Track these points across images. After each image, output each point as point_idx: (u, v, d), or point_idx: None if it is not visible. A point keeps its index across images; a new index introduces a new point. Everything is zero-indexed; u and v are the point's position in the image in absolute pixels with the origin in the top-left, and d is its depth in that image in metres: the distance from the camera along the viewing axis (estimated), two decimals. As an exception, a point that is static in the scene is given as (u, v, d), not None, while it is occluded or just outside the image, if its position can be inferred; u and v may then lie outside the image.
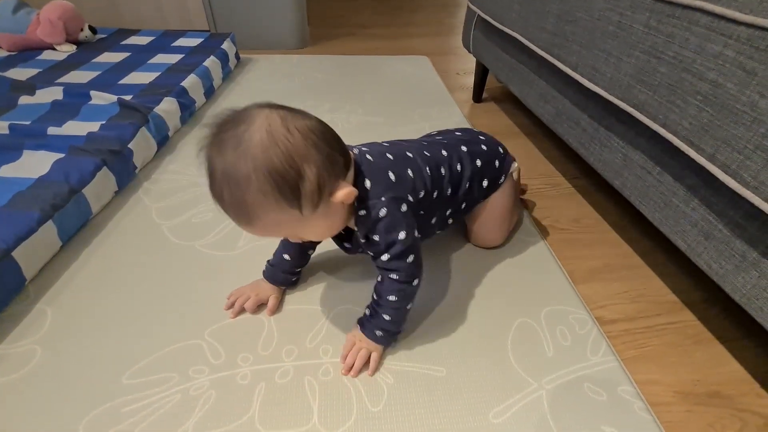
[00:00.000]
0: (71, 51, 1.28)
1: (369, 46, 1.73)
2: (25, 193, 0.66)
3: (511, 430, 0.46)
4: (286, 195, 0.40)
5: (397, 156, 0.54)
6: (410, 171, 0.53)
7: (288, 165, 0.40)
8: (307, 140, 0.41)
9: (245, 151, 0.39)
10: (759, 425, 0.49)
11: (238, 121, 0.41)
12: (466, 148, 0.61)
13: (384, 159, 0.52)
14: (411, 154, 0.55)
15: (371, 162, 0.51)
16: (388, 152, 0.54)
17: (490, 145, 0.65)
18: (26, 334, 0.55)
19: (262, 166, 0.39)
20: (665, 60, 0.51)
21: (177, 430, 0.45)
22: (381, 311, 0.51)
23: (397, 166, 0.52)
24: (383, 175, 0.50)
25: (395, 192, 0.50)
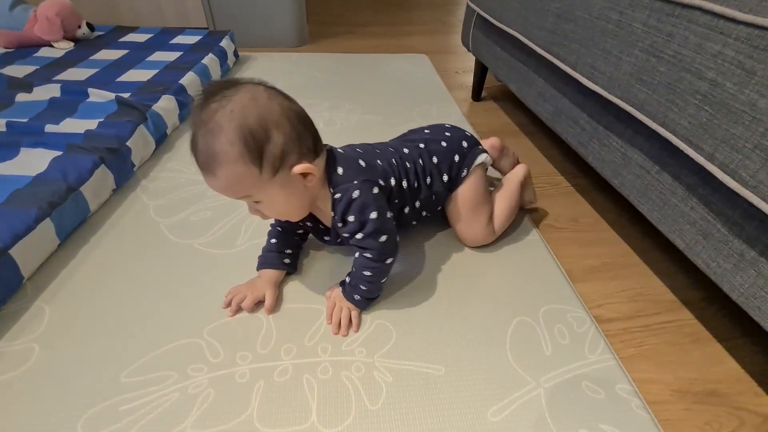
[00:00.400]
0: (69, 48, 1.28)
1: (368, 45, 1.72)
2: (22, 191, 0.66)
3: (510, 429, 0.46)
4: (251, 150, 0.44)
5: (366, 149, 0.60)
6: (379, 160, 0.59)
7: (259, 125, 0.45)
8: (283, 113, 0.47)
9: (225, 105, 0.44)
10: (756, 424, 0.49)
11: (228, 85, 0.46)
12: (425, 146, 0.65)
13: (354, 151, 0.58)
14: (378, 150, 0.61)
15: (342, 153, 0.56)
16: (358, 147, 0.61)
17: (451, 142, 0.67)
18: (24, 332, 0.54)
19: (237, 119, 0.44)
20: (664, 59, 0.51)
21: (175, 428, 0.45)
22: (358, 282, 0.57)
23: (366, 156, 0.58)
24: (354, 162, 0.55)
25: (366, 176, 0.55)
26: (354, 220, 0.53)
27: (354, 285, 0.57)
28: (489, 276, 0.66)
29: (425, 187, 0.64)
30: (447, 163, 0.65)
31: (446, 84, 1.35)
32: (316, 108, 1.16)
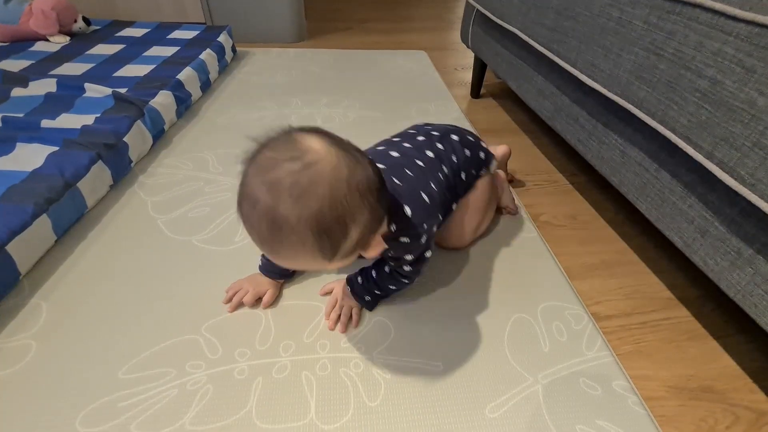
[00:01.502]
0: (64, 42, 1.26)
1: (367, 41, 1.71)
2: (18, 186, 0.65)
3: (507, 425, 0.46)
4: (325, 250, 0.38)
5: (416, 171, 0.53)
6: (433, 185, 0.54)
7: (337, 224, 0.37)
8: (363, 200, 0.38)
9: (299, 197, 0.35)
10: (750, 420, 0.50)
11: (295, 153, 0.37)
12: (457, 137, 0.63)
13: (408, 178, 0.51)
14: (423, 163, 0.55)
15: (401, 186, 0.49)
16: (405, 167, 0.52)
17: (474, 136, 0.67)
18: (21, 328, 0.54)
19: (312, 219, 0.36)
20: (665, 57, 0.50)
21: (174, 424, 0.45)
22: (375, 288, 0.56)
23: (421, 182, 0.52)
24: (418, 198, 0.50)
25: (432, 215, 0.51)
26: (411, 259, 0.51)
27: (369, 289, 0.56)
28: (487, 273, 0.66)
29: (460, 186, 0.62)
30: (476, 158, 0.64)
31: (445, 81, 1.34)
32: (314, 104, 1.15)
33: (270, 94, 1.20)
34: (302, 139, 0.38)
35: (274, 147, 0.38)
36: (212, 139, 0.97)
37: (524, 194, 0.86)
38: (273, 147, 0.38)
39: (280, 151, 0.37)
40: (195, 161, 0.89)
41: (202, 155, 0.91)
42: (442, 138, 0.62)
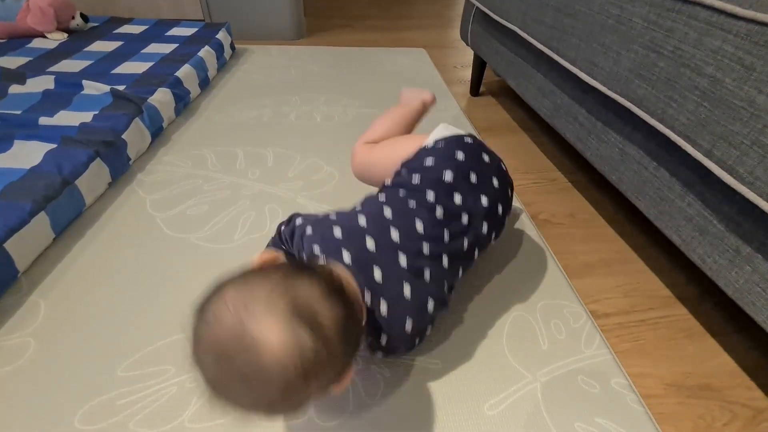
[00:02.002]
0: (62, 39, 1.26)
1: (366, 38, 1.71)
2: (16, 183, 0.65)
3: (506, 422, 0.46)
4: (287, 407, 0.34)
5: (417, 260, 0.45)
6: (446, 280, 0.47)
7: (302, 389, 0.32)
8: (332, 359, 0.33)
9: (250, 388, 0.31)
10: (748, 417, 0.50)
11: (246, 342, 0.30)
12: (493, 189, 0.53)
13: (401, 270, 0.44)
14: (427, 251, 0.46)
15: (382, 287, 0.43)
16: (404, 258, 0.44)
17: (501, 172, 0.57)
18: (19, 326, 0.54)
19: (276, 397, 0.31)
20: (664, 54, 0.50)
21: (173, 422, 0.45)
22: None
23: (417, 284, 0.44)
24: (400, 299, 0.43)
25: (421, 312, 0.45)
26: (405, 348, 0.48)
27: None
28: (486, 271, 0.66)
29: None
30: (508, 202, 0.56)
31: (444, 79, 1.34)
32: (313, 102, 1.15)
33: (269, 92, 1.20)
34: (249, 320, 0.31)
35: (219, 325, 0.31)
36: (211, 137, 0.97)
37: (523, 192, 0.86)
38: (218, 325, 0.31)
39: (227, 347, 0.31)
40: (194, 159, 0.89)
41: (200, 153, 0.91)
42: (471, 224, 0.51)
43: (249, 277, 0.35)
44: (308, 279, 0.35)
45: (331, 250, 0.44)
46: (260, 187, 0.81)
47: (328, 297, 0.34)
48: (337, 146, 0.95)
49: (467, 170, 0.52)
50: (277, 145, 0.95)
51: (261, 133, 0.99)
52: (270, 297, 0.32)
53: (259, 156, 0.90)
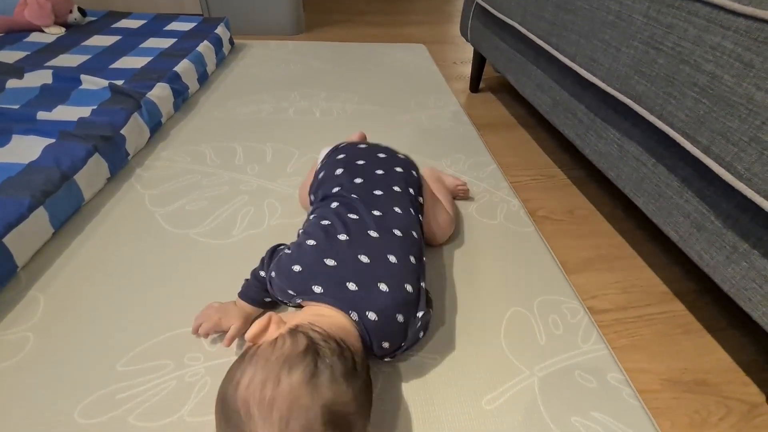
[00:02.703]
0: (60, 34, 1.25)
1: (365, 34, 1.70)
2: (15, 178, 0.65)
3: (503, 416, 0.47)
4: None
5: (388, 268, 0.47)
6: (412, 283, 0.48)
7: None
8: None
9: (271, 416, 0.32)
10: (743, 412, 0.50)
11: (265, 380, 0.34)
12: (397, 172, 0.59)
13: (384, 296, 0.45)
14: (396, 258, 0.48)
15: (376, 321, 0.44)
16: (364, 256, 0.47)
17: (392, 154, 0.64)
18: (19, 321, 0.54)
19: None
20: (664, 51, 0.50)
21: (173, 416, 0.45)
22: None
23: (400, 301, 0.46)
24: (392, 323, 0.45)
25: (407, 302, 0.46)
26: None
27: None
28: (485, 267, 0.66)
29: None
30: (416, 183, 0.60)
31: (444, 75, 1.34)
32: (312, 98, 1.15)
33: (268, 88, 1.19)
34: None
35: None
36: (210, 133, 0.97)
37: (522, 189, 0.86)
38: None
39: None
40: (192, 154, 0.88)
41: (199, 148, 0.90)
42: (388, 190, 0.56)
43: (267, 385, 0.34)
44: (324, 371, 0.36)
45: (300, 288, 0.46)
46: (259, 183, 0.81)
47: (344, 380, 0.36)
48: (337, 142, 0.94)
49: (352, 160, 0.61)
50: (276, 140, 0.94)
51: (260, 129, 0.99)
52: (300, 414, 0.33)
53: (258, 151, 0.90)
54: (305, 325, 0.40)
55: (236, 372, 0.36)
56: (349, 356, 0.39)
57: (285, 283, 0.47)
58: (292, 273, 0.46)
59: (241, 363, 0.37)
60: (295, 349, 0.37)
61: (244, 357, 0.38)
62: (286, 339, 0.38)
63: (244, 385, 0.34)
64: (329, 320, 0.42)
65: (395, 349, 0.46)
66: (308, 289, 0.45)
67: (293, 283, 0.46)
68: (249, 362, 0.36)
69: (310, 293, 0.45)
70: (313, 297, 0.45)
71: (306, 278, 0.46)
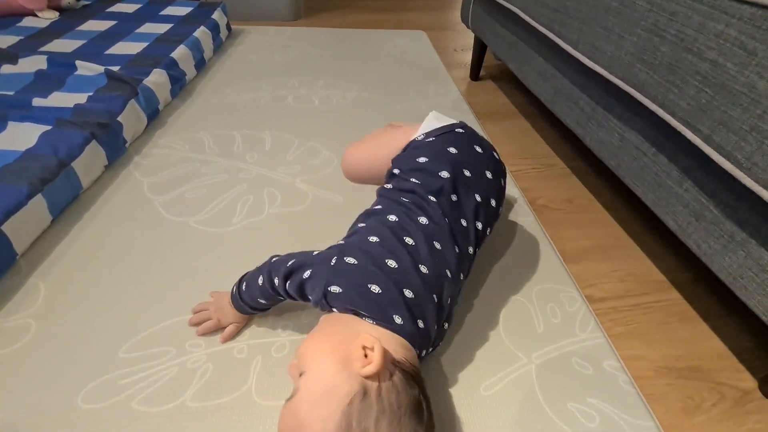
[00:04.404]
0: (54, 18, 1.23)
1: (365, 20, 1.68)
2: (12, 166, 0.65)
3: (501, 402, 0.48)
4: None
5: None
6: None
7: None
8: None
9: None
10: (735, 398, 0.51)
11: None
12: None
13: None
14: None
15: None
16: (437, 297, 0.44)
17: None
18: (20, 308, 0.54)
19: None
20: (667, 38, 0.50)
21: (175, 401, 0.46)
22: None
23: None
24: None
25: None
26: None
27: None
28: (484, 257, 0.66)
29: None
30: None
31: (444, 62, 1.32)
32: (311, 85, 1.14)
33: (266, 74, 1.18)
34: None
35: None
36: (208, 120, 0.96)
37: (521, 178, 0.86)
38: None
39: None
40: (191, 142, 0.88)
41: (197, 136, 0.90)
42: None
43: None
44: (430, 413, 0.37)
45: (379, 314, 0.41)
46: (258, 171, 0.81)
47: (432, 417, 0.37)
48: (336, 130, 0.94)
49: (460, 167, 0.51)
50: (275, 128, 0.94)
51: (258, 116, 0.98)
52: None
53: (257, 139, 0.90)
54: (406, 364, 0.38)
55: (369, 418, 0.33)
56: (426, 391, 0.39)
57: (358, 303, 0.41)
58: (371, 295, 0.41)
59: (370, 405, 0.34)
60: (413, 396, 0.36)
61: (368, 397, 0.34)
62: (405, 384, 0.36)
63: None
64: (412, 354, 0.41)
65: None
66: (388, 317, 0.41)
67: (369, 305, 0.41)
68: (381, 407, 0.34)
69: (388, 322, 0.41)
70: (391, 327, 0.40)
71: (386, 305, 0.41)
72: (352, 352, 0.36)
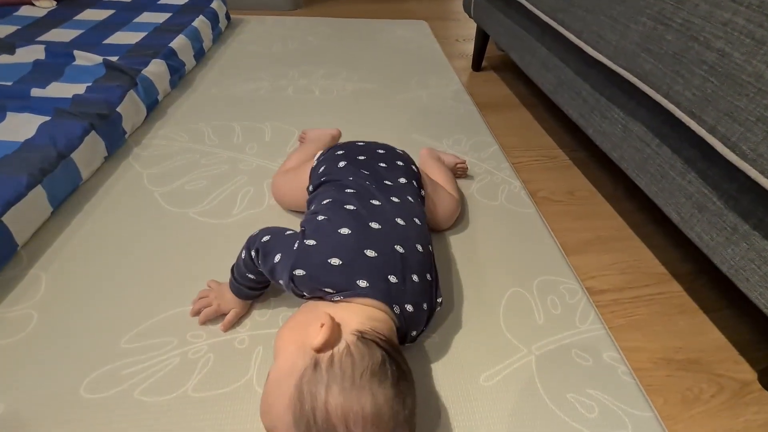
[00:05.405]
0: (51, 7, 1.21)
1: (365, 9, 1.66)
2: (11, 156, 0.64)
3: (501, 393, 0.48)
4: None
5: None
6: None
7: None
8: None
9: None
10: (734, 389, 0.51)
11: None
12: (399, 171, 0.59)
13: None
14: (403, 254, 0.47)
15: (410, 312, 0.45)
16: (400, 247, 0.46)
17: (389, 150, 0.64)
18: (21, 299, 0.55)
19: None
20: (673, 27, 0.49)
21: (177, 390, 0.46)
22: None
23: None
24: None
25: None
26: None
27: None
28: (485, 248, 0.66)
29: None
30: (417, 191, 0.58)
31: (446, 52, 1.31)
32: (311, 76, 1.13)
33: (266, 65, 1.17)
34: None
35: None
36: (207, 111, 0.95)
37: (523, 170, 0.85)
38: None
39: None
40: (190, 133, 0.87)
41: (197, 127, 0.89)
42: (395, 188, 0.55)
43: (363, 401, 0.34)
44: (402, 381, 0.37)
45: (342, 284, 0.42)
46: (258, 162, 0.80)
47: (412, 386, 0.38)
48: (336, 121, 0.93)
49: (353, 155, 0.59)
50: (275, 119, 0.93)
51: (258, 107, 0.97)
52: (399, 427, 0.35)
53: (257, 130, 0.89)
54: (369, 332, 0.39)
55: (318, 385, 0.34)
56: (404, 358, 0.40)
57: (323, 279, 0.42)
58: (331, 267, 0.42)
59: (321, 375, 0.35)
60: (375, 360, 0.36)
61: (318, 368, 0.35)
62: (362, 349, 0.36)
63: (337, 400, 0.33)
64: (381, 324, 0.41)
65: (417, 336, 0.47)
66: (352, 284, 0.42)
67: (334, 278, 0.42)
68: (332, 375, 0.35)
69: (354, 288, 0.42)
70: (358, 292, 0.42)
71: (349, 272, 0.42)
72: (309, 333, 0.37)
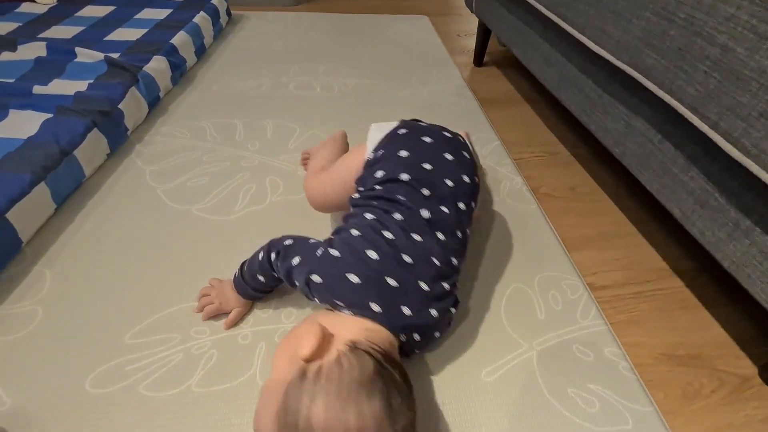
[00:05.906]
0: (52, 4, 1.21)
1: (366, 4, 1.65)
2: (14, 154, 0.65)
3: (502, 388, 0.48)
4: None
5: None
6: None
7: None
8: None
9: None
10: (735, 384, 0.52)
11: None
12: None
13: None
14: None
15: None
16: (424, 284, 0.45)
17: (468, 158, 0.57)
18: (26, 295, 0.55)
19: None
20: (676, 22, 0.49)
21: (181, 386, 0.47)
22: None
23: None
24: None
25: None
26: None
27: None
28: (487, 244, 0.66)
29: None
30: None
31: (447, 48, 1.30)
32: (312, 72, 1.12)
33: (267, 61, 1.16)
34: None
35: None
36: (209, 108, 0.95)
37: (525, 166, 0.85)
38: None
39: None
40: (192, 130, 0.87)
41: (199, 124, 0.89)
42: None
43: (348, 413, 0.33)
44: (396, 395, 0.35)
45: (355, 302, 0.42)
46: (260, 159, 0.80)
47: (409, 401, 0.36)
48: (338, 118, 0.93)
49: (417, 164, 0.51)
50: (277, 116, 0.93)
51: (260, 104, 0.97)
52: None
53: (259, 127, 0.89)
54: (363, 342, 0.38)
55: (302, 396, 0.33)
56: (404, 374, 0.39)
57: (338, 292, 0.43)
58: (349, 284, 0.42)
59: (306, 386, 0.34)
60: (365, 372, 0.35)
61: (304, 378, 0.35)
62: (352, 360, 0.36)
63: (321, 412, 0.32)
64: (379, 335, 0.41)
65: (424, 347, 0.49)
66: (364, 305, 0.42)
67: (348, 294, 0.42)
68: (318, 386, 0.34)
69: (365, 309, 0.42)
70: (366, 314, 0.42)
71: (365, 293, 0.42)
72: (301, 343, 0.37)
